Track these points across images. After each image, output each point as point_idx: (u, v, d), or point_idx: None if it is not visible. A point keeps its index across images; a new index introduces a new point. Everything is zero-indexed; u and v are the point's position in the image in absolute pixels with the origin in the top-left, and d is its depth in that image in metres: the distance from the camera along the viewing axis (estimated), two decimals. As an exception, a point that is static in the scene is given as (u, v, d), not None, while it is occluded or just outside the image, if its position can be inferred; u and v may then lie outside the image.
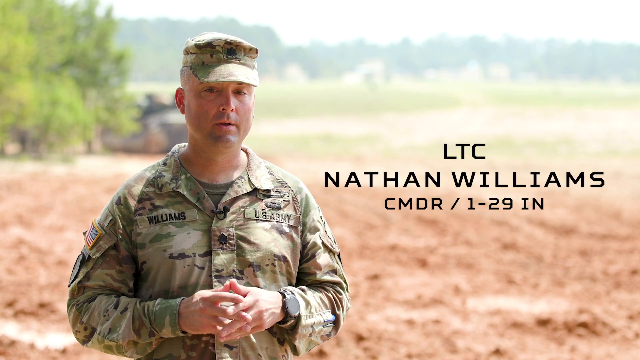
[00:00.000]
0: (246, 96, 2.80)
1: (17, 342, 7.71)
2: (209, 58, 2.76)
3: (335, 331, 2.89)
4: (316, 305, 2.83)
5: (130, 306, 2.72)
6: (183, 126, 38.15)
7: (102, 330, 2.72)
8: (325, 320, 2.83)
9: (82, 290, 2.79)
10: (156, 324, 2.68)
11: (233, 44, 2.78)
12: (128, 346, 2.71)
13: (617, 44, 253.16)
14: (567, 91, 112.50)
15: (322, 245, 2.90)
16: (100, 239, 2.80)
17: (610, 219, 16.57)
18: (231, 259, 2.77)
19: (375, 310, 9.19)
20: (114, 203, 2.82)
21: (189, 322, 2.66)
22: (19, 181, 23.38)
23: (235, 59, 2.78)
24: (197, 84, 2.77)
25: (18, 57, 29.61)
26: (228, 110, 2.75)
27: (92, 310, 2.75)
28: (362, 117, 66.13)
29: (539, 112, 67.70)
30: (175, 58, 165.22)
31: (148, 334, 2.69)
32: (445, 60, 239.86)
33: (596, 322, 8.54)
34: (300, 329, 2.78)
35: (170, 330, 2.68)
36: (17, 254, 12.11)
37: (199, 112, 2.77)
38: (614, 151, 39.91)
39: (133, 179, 2.85)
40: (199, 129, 2.78)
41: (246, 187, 2.83)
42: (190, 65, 2.79)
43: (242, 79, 2.74)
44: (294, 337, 2.79)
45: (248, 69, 2.78)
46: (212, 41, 2.76)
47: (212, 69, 2.75)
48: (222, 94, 2.76)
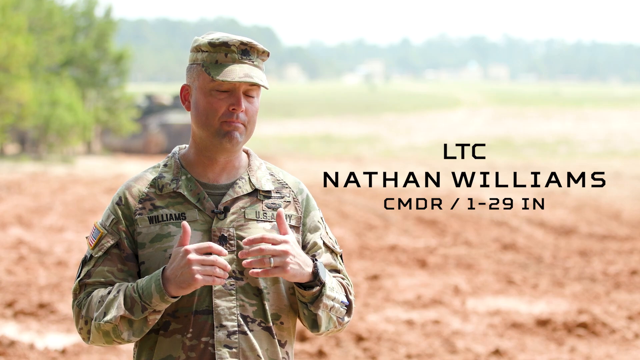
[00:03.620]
0: (255, 98, 2.80)
1: (17, 342, 7.71)
2: (223, 57, 2.76)
3: (348, 316, 2.87)
4: (337, 284, 2.83)
5: (122, 287, 2.70)
6: (183, 126, 38.13)
7: (97, 316, 2.70)
8: (342, 300, 2.82)
9: (83, 288, 2.78)
10: (145, 296, 2.65)
11: (248, 45, 2.78)
12: (122, 325, 2.67)
13: (617, 44, 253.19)
14: (567, 91, 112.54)
15: (323, 245, 2.89)
16: (103, 238, 2.79)
17: (610, 219, 16.57)
18: (231, 260, 2.76)
19: (375, 311, 9.19)
20: (114, 203, 2.82)
21: (177, 281, 2.61)
22: (19, 181, 23.38)
23: (249, 60, 2.78)
24: (208, 81, 2.76)
25: (18, 57, 29.60)
26: (239, 111, 2.76)
27: (89, 302, 2.74)
28: (361, 117, 66.13)
29: (539, 113, 67.70)
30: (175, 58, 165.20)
31: (140, 309, 2.66)
32: (445, 61, 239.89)
33: (596, 322, 8.54)
34: (325, 299, 2.75)
35: (158, 298, 2.63)
36: (17, 255, 12.11)
37: (208, 109, 2.77)
38: (613, 151, 39.90)
39: (134, 180, 2.85)
40: (206, 127, 2.77)
41: (247, 188, 2.83)
42: (202, 63, 2.78)
43: (257, 81, 2.75)
44: (317, 306, 2.76)
45: (260, 71, 2.80)
46: (227, 41, 2.77)
47: (226, 68, 2.74)
48: (233, 94, 2.77)
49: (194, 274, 2.60)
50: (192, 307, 2.74)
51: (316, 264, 2.74)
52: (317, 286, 2.74)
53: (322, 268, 2.74)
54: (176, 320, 2.75)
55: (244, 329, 2.76)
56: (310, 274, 2.72)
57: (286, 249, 2.66)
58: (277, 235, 2.67)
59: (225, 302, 2.74)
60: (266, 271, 2.64)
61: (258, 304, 2.77)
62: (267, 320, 2.78)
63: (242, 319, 2.75)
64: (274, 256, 2.65)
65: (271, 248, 2.64)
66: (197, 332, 2.74)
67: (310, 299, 2.76)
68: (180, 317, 2.74)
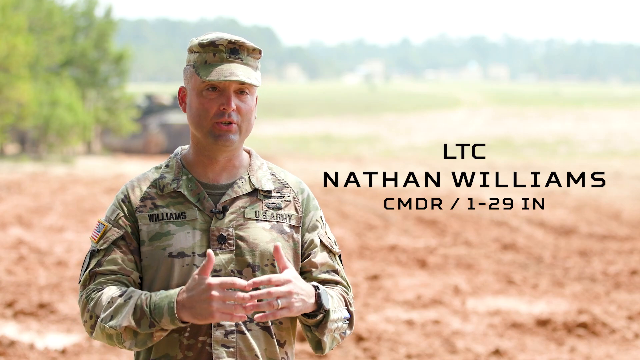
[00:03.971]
0: (248, 96, 2.80)
1: (17, 342, 7.71)
2: (211, 57, 2.77)
3: (350, 329, 2.87)
4: (337, 301, 2.82)
5: (134, 295, 2.67)
6: (183, 127, 38.13)
7: (104, 318, 2.68)
8: (344, 316, 2.82)
9: (93, 278, 2.76)
10: (155, 313, 2.63)
11: (236, 44, 2.78)
12: (127, 335, 2.65)
13: (617, 44, 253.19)
14: (567, 91, 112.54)
15: (321, 244, 2.88)
16: (108, 231, 2.79)
17: (610, 219, 16.57)
18: (230, 259, 2.76)
19: (375, 311, 9.19)
20: (119, 200, 2.83)
21: (194, 312, 2.59)
22: (19, 181, 23.38)
23: (238, 59, 2.78)
24: (199, 82, 2.77)
25: (18, 57, 29.60)
26: (229, 110, 2.76)
27: (98, 298, 2.71)
28: (361, 117, 66.13)
29: (539, 113, 67.70)
30: (175, 58, 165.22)
31: (148, 324, 2.64)
32: (445, 61, 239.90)
33: (596, 322, 8.54)
34: (329, 324, 2.75)
35: (169, 320, 2.62)
36: (17, 255, 12.11)
37: (200, 110, 2.77)
38: (613, 151, 39.90)
39: (136, 179, 2.86)
40: (200, 127, 2.78)
41: (246, 188, 2.84)
42: (193, 64, 2.80)
43: (243, 78, 2.74)
44: (322, 332, 2.76)
45: (250, 69, 2.79)
46: (215, 40, 2.77)
47: (214, 68, 2.75)
48: (223, 94, 2.77)
49: (213, 311, 2.58)
50: (190, 306, 2.73)
51: (319, 293, 2.72)
52: (322, 314, 2.74)
53: (324, 295, 2.73)
54: (174, 320, 2.75)
55: (242, 329, 2.75)
56: (314, 304, 2.71)
57: (290, 289, 2.64)
58: (280, 276, 2.63)
59: (223, 301, 2.74)
60: (274, 313, 2.63)
61: (256, 303, 2.77)
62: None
63: (239, 319, 2.75)
64: (280, 298, 2.63)
65: (277, 290, 2.62)
66: (195, 331, 2.74)
67: (314, 324, 2.76)
68: (178, 316, 2.74)
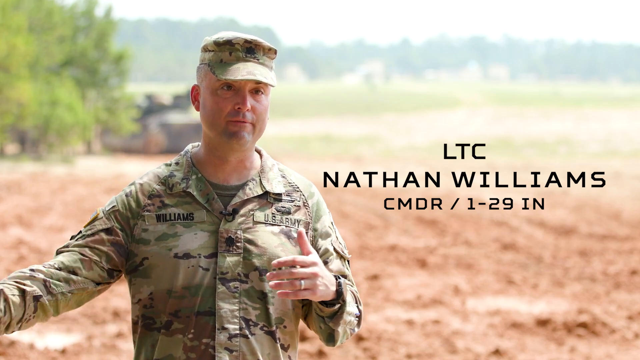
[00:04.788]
0: (263, 96, 2.79)
1: (17, 342, 7.71)
2: (227, 56, 2.75)
3: (358, 326, 2.88)
4: (351, 296, 2.83)
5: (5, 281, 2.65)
6: (183, 126, 38.15)
7: None
8: (355, 312, 2.83)
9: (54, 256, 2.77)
10: None
11: (252, 43, 2.77)
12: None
13: (617, 44, 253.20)
14: (567, 91, 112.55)
15: (334, 251, 2.88)
16: (97, 219, 2.79)
17: (610, 219, 16.57)
18: (237, 262, 2.75)
19: (375, 311, 9.19)
20: (124, 194, 2.81)
21: None
22: (19, 181, 23.38)
23: (254, 58, 2.77)
24: (214, 81, 2.75)
25: (18, 57, 29.61)
26: (244, 110, 2.74)
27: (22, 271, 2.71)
28: (361, 117, 66.14)
29: (539, 113, 67.71)
30: (175, 58, 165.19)
31: None
32: (445, 61, 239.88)
33: (596, 322, 8.54)
34: (345, 315, 2.76)
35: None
36: (17, 255, 12.11)
37: (214, 109, 2.75)
38: (613, 151, 39.91)
39: (145, 176, 2.84)
40: (213, 126, 2.76)
41: (257, 190, 2.81)
42: (208, 63, 2.77)
43: (260, 78, 2.73)
44: (337, 323, 2.76)
45: (266, 69, 2.77)
46: (231, 39, 2.76)
47: (230, 67, 2.73)
48: (239, 93, 2.75)
49: None
50: (194, 307, 2.72)
51: (340, 282, 2.73)
52: (339, 304, 2.74)
53: (344, 286, 2.74)
54: (178, 320, 2.73)
55: (245, 333, 2.74)
56: (334, 292, 2.72)
57: (316, 272, 2.64)
58: (306, 258, 2.64)
59: (228, 304, 2.73)
60: (296, 293, 2.63)
61: (261, 307, 2.75)
62: (270, 324, 2.76)
63: (244, 322, 2.73)
64: (304, 279, 2.63)
65: (302, 271, 2.62)
66: (199, 333, 2.73)
67: (329, 315, 2.76)
68: (182, 317, 2.73)
